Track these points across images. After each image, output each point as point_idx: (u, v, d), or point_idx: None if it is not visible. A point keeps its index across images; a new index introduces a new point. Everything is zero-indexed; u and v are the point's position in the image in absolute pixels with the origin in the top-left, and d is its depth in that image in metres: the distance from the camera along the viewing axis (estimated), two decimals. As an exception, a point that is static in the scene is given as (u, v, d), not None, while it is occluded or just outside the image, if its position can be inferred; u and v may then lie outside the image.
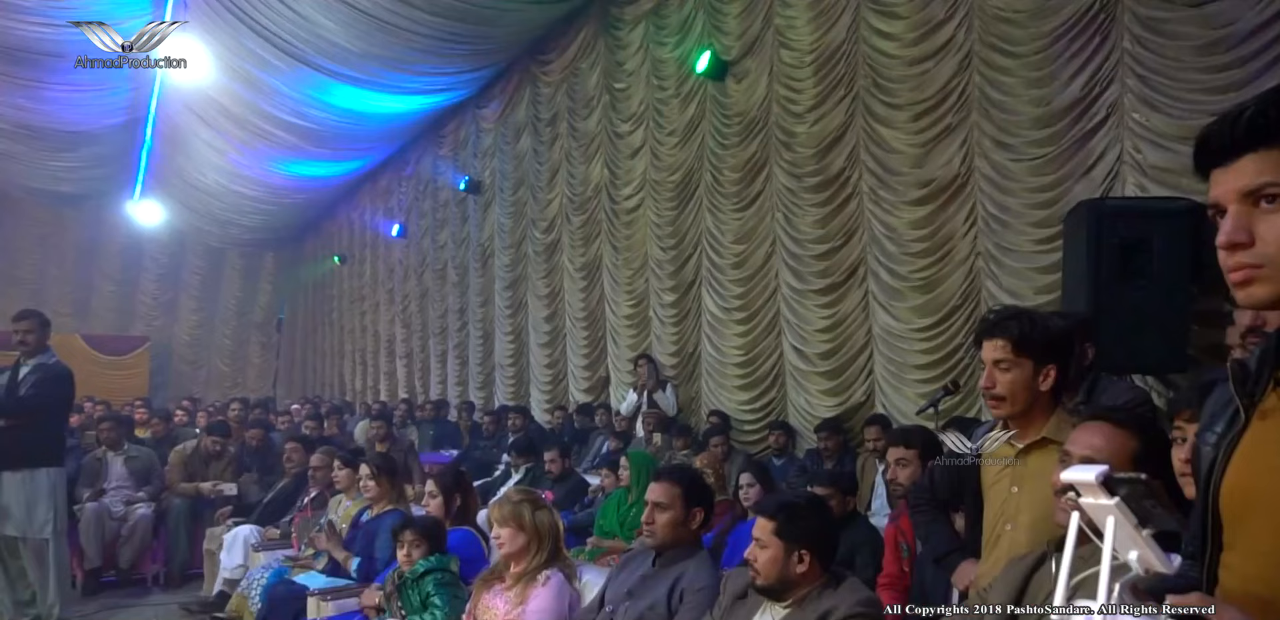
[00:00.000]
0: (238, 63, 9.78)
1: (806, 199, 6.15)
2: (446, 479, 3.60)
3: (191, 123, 12.30)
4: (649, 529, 2.42)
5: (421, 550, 3.15)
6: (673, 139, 7.53)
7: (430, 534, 3.18)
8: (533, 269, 9.70)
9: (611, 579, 2.52)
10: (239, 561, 4.94)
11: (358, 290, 15.44)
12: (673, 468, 2.51)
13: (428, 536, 3.17)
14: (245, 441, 6.76)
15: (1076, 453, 1.68)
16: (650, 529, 2.41)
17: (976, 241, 5.01)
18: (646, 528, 2.42)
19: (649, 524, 2.42)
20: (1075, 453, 1.68)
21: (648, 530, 2.42)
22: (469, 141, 11.33)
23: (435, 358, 12.22)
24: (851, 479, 3.91)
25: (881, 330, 5.62)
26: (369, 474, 3.99)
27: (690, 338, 7.29)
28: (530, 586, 2.77)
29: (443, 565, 3.12)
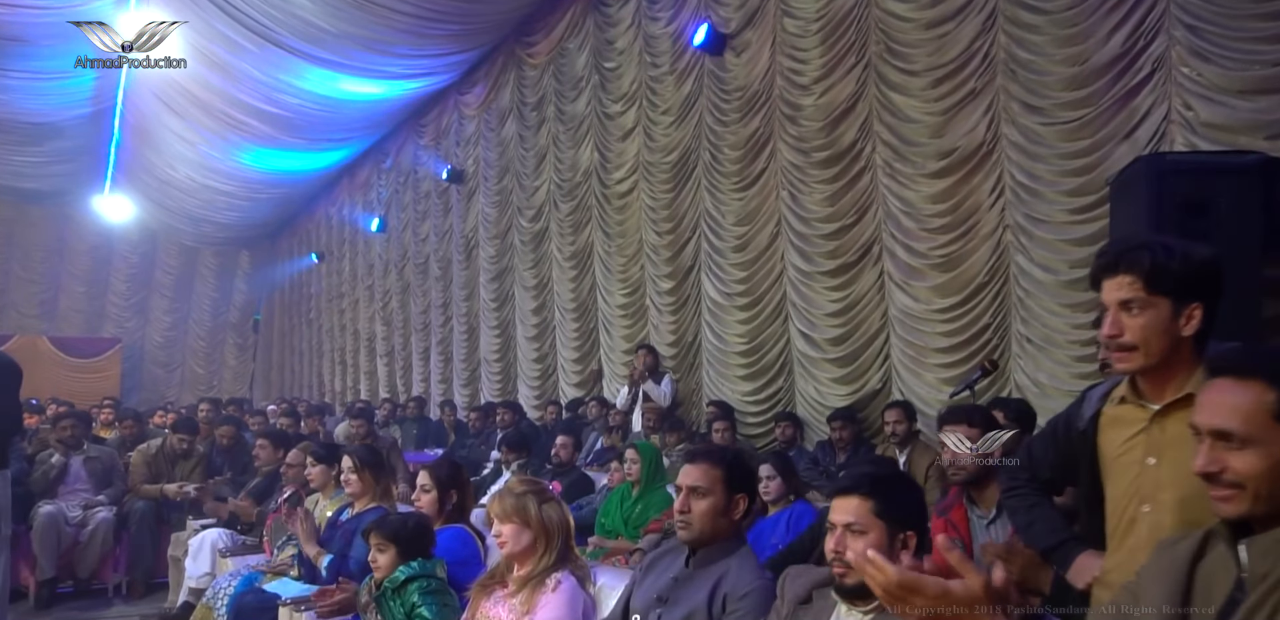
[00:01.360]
0: (206, 45, 9.31)
1: (814, 175, 5.78)
2: (441, 471, 3.18)
3: (160, 112, 11.79)
4: (682, 520, 2.03)
5: (389, 556, 2.74)
6: (667, 118, 7.16)
7: (401, 536, 2.77)
8: (519, 259, 9.29)
9: (637, 583, 2.13)
10: (205, 569, 4.49)
11: (336, 288, 14.96)
12: (710, 447, 2.12)
13: (396, 539, 2.76)
14: (216, 440, 6.30)
15: (1206, 425, 1.25)
16: (684, 520, 2.02)
17: (1004, 214, 4.66)
18: (679, 518, 2.03)
19: (683, 513, 2.02)
20: (1204, 425, 1.26)
21: (680, 522, 2.03)
22: (451, 129, 10.91)
23: (418, 355, 11.78)
24: (894, 464, 3.54)
25: (899, 312, 5.26)
26: (351, 467, 3.57)
27: (689, 326, 6.91)
28: (538, 592, 2.37)
29: (427, 571, 2.71)
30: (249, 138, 11.71)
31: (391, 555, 2.75)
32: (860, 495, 1.68)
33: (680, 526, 2.04)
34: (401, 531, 2.78)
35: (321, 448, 4.19)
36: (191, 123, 11.63)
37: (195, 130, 11.89)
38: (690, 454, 2.10)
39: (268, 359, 18.26)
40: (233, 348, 18.75)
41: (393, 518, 2.90)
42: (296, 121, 11.05)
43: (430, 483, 3.14)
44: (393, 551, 2.75)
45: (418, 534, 2.80)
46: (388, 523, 2.83)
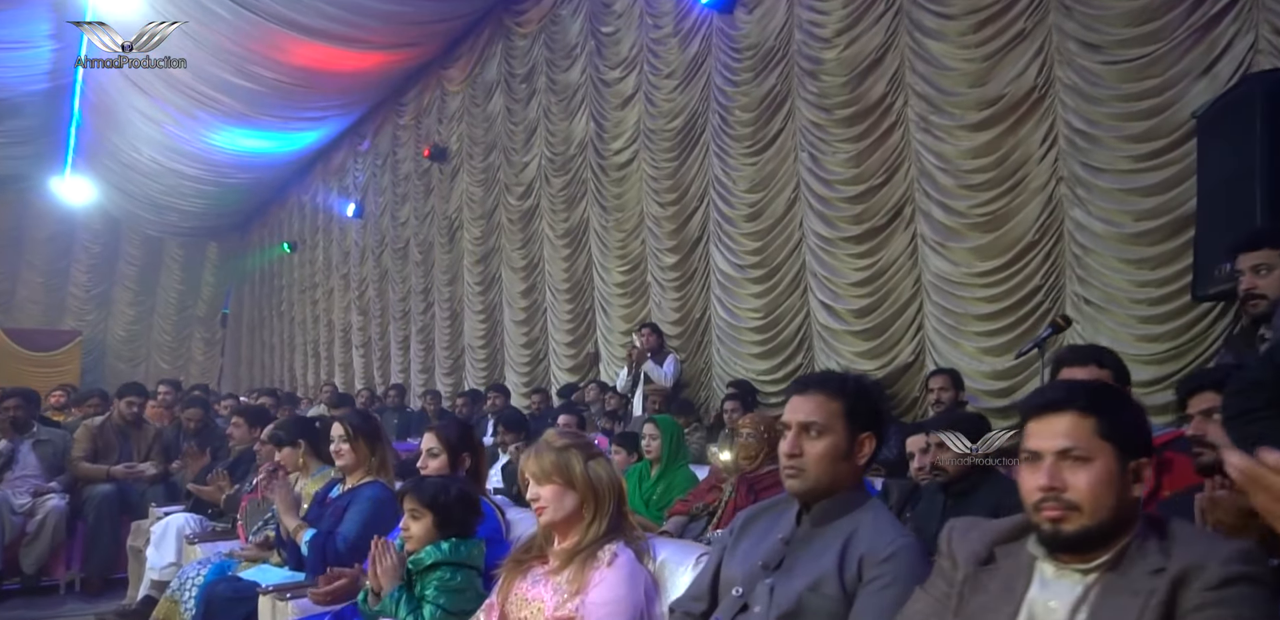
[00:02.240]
0: (172, 10, 8.72)
1: (836, 134, 5.37)
2: (449, 432, 2.71)
3: (123, 88, 11.14)
4: (793, 466, 1.57)
5: (424, 525, 2.26)
6: (671, 82, 6.72)
7: (441, 502, 2.26)
8: (507, 240, 8.80)
9: (728, 549, 1.67)
10: (170, 559, 3.96)
11: (309, 278, 14.34)
12: (828, 375, 1.66)
13: (434, 505, 2.26)
14: (182, 424, 5.76)
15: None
16: (795, 466, 1.57)
17: (1057, 165, 4.26)
18: (789, 464, 1.57)
19: (793, 457, 1.57)
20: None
21: (790, 469, 1.57)
22: (433, 107, 10.39)
23: (396, 344, 11.22)
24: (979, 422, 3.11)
25: (934, 277, 4.85)
26: (342, 435, 3.08)
27: (696, 302, 6.46)
28: (589, 567, 1.91)
29: (460, 557, 2.23)
30: (218, 115, 11.10)
31: (427, 525, 2.27)
32: (1078, 411, 1.25)
33: (790, 475, 1.58)
34: (442, 497, 2.29)
35: (281, 428, 3.69)
36: (156, 99, 11.00)
37: (160, 107, 11.25)
38: (800, 383, 1.64)
39: (236, 354, 17.56)
40: (200, 342, 18.02)
41: (433, 479, 2.40)
42: (269, 98, 10.48)
43: (438, 446, 2.66)
44: (428, 521, 2.27)
45: (461, 503, 2.31)
46: (427, 485, 2.33)
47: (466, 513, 2.30)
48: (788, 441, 1.58)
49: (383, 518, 3.03)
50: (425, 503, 2.28)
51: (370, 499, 3.01)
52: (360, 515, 2.97)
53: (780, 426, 1.63)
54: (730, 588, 1.60)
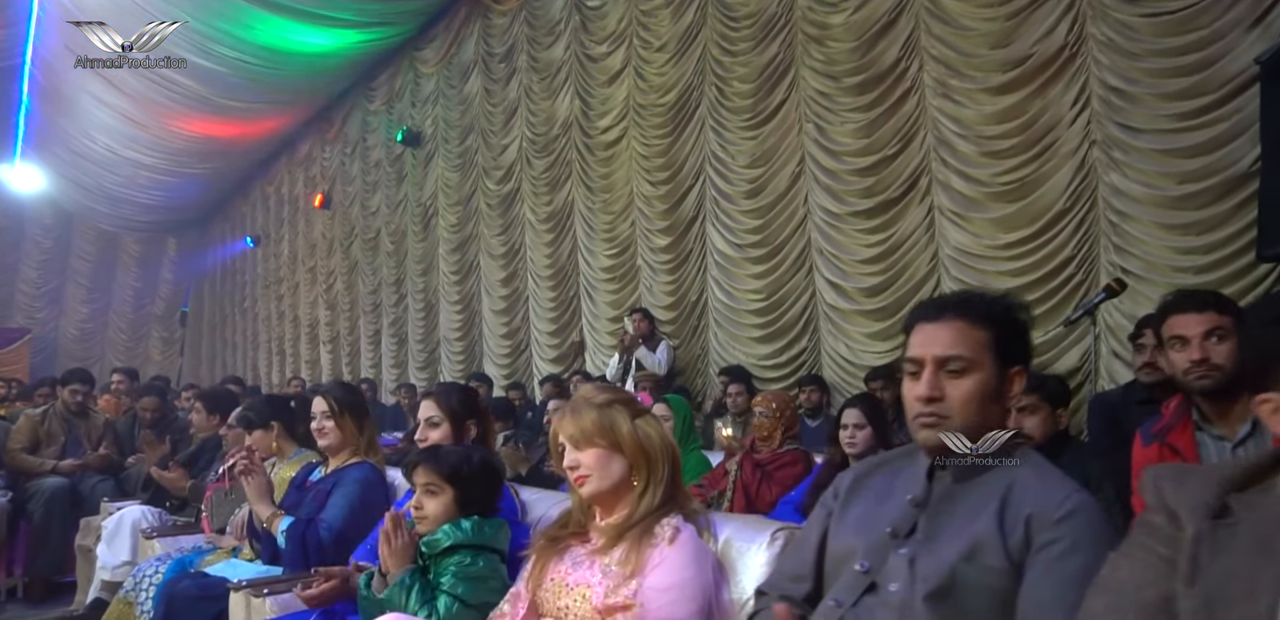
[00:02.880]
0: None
1: (845, 103, 5.08)
2: (450, 399, 2.34)
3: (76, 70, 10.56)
4: (932, 413, 1.20)
5: (441, 503, 1.89)
6: (662, 56, 6.40)
7: (462, 475, 1.90)
8: (486, 226, 8.41)
9: (835, 515, 1.32)
10: (124, 556, 3.53)
11: (274, 272, 13.80)
12: (966, 296, 1.31)
13: (455, 478, 1.90)
14: (137, 414, 5.30)
15: None
16: (935, 413, 1.21)
17: (1090, 127, 4.00)
18: (927, 410, 1.21)
19: (931, 401, 1.22)
20: None
21: (929, 416, 1.21)
22: (405, 90, 9.98)
23: (366, 339, 10.76)
24: (1061, 384, 2.82)
25: (953, 251, 4.57)
26: (325, 411, 2.70)
27: (691, 285, 6.13)
28: (645, 545, 1.56)
29: (483, 540, 1.86)
30: (178, 99, 10.56)
31: (446, 502, 1.91)
32: None
33: (928, 424, 1.24)
34: (464, 468, 1.92)
35: (251, 409, 3.28)
36: (112, 81, 10.45)
37: (116, 91, 10.70)
38: (931, 307, 1.29)
39: (196, 353, 16.90)
40: (158, 341, 17.32)
41: (451, 448, 2.02)
42: (234, 80, 9.97)
43: (439, 413, 2.29)
44: (447, 497, 1.91)
45: (485, 476, 1.95)
46: (445, 454, 1.96)
47: (491, 487, 1.95)
48: (923, 382, 1.24)
49: (372, 502, 2.66)
50: (444, 476, 1.91)
51: (358, 481, 2.64)
52: (346, 499, 2.60)
53: (906, 365, 1.29)
54: (845, 562, 1.26)
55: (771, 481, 3.44)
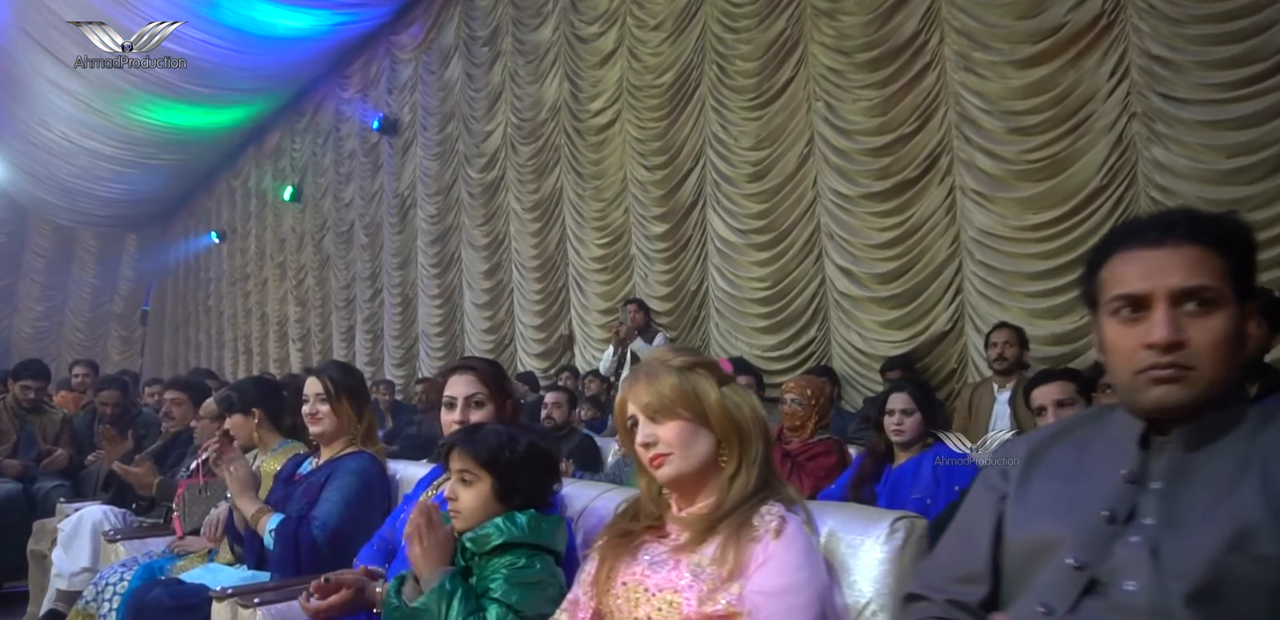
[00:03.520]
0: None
1: (857, 80, 4.84)
2: (493, 372, 2.01)
3: (30, 51, 10.06)
4: (1174, 365, 0.89)
5: (478, 494, 1.58)
6: (658, 35, 6.12)
7: (505, 461, 1.58)
8: (467, 216, 8.07)
9: (1012, 500, 1.01)
10: (84, 563, 3.16)
11: (240, 269, 13.30)
12: (1193, 214, 1.01)
13: (494, 464, 1.57)
14: (96, 409, 4.90)
15: None
16: (1179, 364, 0.89)
17: (1129, 99, 3.79)
18: (1168, 361, 0.88)
19: (1172, 349, 0.90)
20: None
21: (1171, 368, 0.89)
22: (381, 77, 9.60)
23: (339, 336, 10.34)
24: None
25: (977, 233, 4.34)
26: (320, 394, 2.36)
27: (690, 274, 5.85)
28: (745, 540, 1.26)
29: (541, 538, 1.55)
30: (141, 85, 10.09)
31: (482, 493, 1.58)
32: None
33: (1163, 377, 0.93)
34: (506, 452, 1.59)
35: (236, 390, 2.93)
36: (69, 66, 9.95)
37: (74, 76, 10.20)
38: (1153, 227, 0.98)
39: (158, 353, 16.28)
40: (117, 341, 16.69)
41: (492, 428, 1.68)
42: (199, 63, 9.52)
43: (484, 391, 1.96)
44: (485, 486, 1.58)
45: (534, 461, 1.62)
46: (484, 435, 1.63)
47: (538, 477, 1.62)
48: (1160, 322, 0.94)
49: (372, 497, 2.34)
50: (481, 461, 1.59)
51: (356, 473, 2.32)
52: (342, 494, 2.27)
53: (1112, 304, 1.00)
54: (1041, 557, 0.98)
55: (803, 473, 3.17)
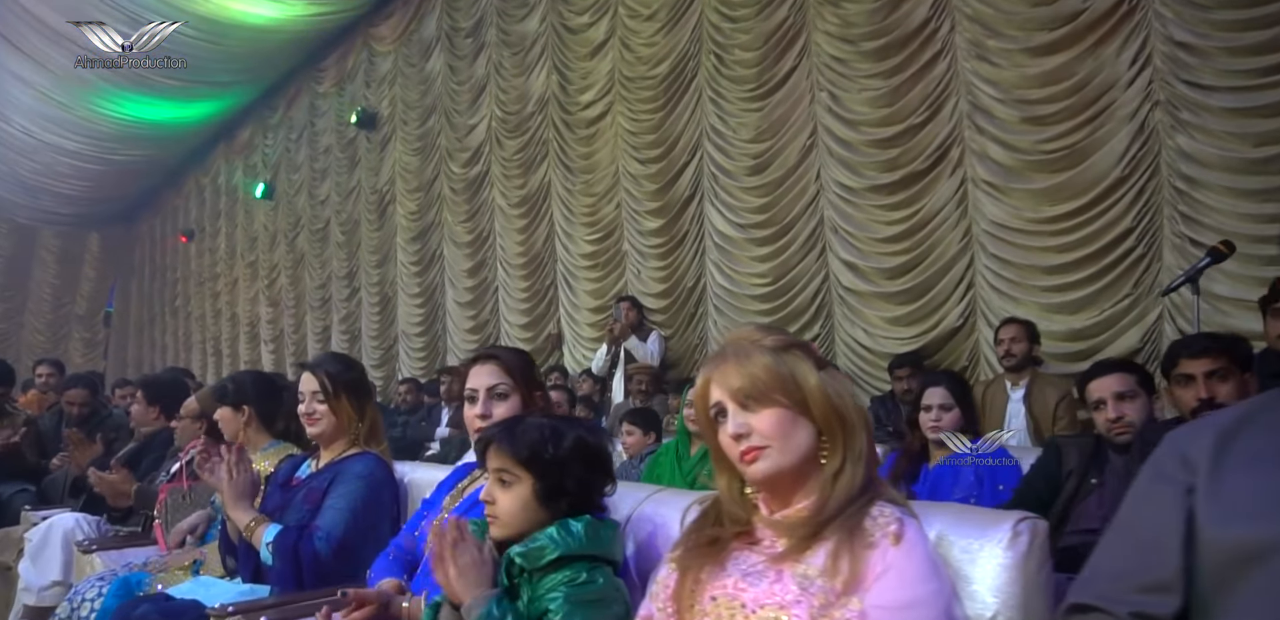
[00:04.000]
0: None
1: (863, 70, 4.71)
2: (517, 361, 1.82)
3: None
4: None
5: (518, 497, 1.38)
6: (652, 25, 5.96)
7: (551, 458, 1.38)
8: (450, 212, 7.84)
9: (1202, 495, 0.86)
10: (54, 576, 2.91)
11: (209, 268, 12.93)
12: None
13: (534, 462, 1.38)
14: (63, 410, 4.62)
15: None
16: None
17: (1152, 87, 3.68)
18: None
19: None
20: None
21: None
22: (358, 71, 9.33)
23: (314, 337, 10.04)
24: None
25: (989, 225, 4.22)
26: (317, 391, 2.16)
27: (687, 270, 5.68)
28: (859, 547, 1.09)
29: (599, 549, 1.35)
30: (106, 77, 9.73)
31: (524, 496, 1.38)
32: None
33: None
34: (551, 449, 1.40)
35: (233, 381, 2.71)
36: (31, 54, 9.59)
37: (35, 66, 9.83)
38: None
39: (122, 356, 15.81)
40: (79, 343, 16.17)
41: (533, 421, 1.47)
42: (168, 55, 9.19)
43: (508, 381, 1.76)
44: (524, 488, 1.38)
45: (585, 459, 1.42)
46: (526, 429, 1.43)
47: (589, 475, 1.42)
48: None
49: (380, 504, 2.14)
50: (520, 458, 1.39)
51: (362, 477, 2.11)
52: (347, 501, 2.07)
53: None
54: (1254, 561, 0.82)
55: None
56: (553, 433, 1.44)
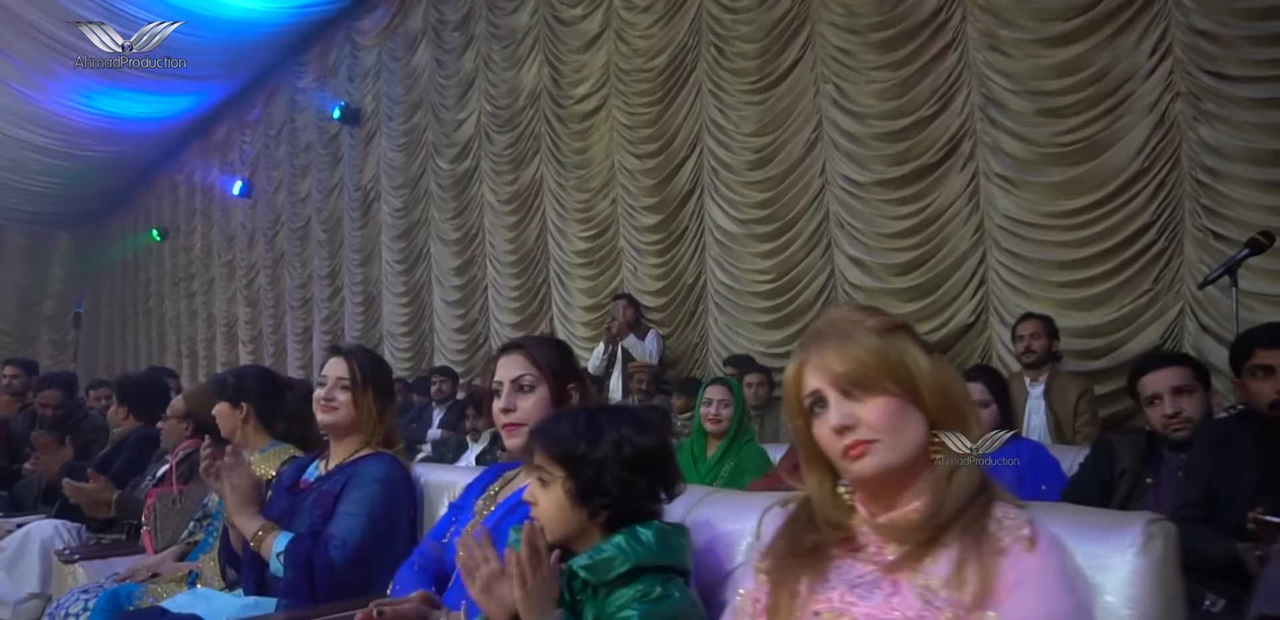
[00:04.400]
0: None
1: (870, 61, 4.61)
2: (545, 350, 1.65)
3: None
4: None
5: (553, 499, 1.24)
6: (648, 17, 5.83)
7: (579, 453, 1.23)
8: (437, 209, 7.66)
9: None
10: (31, 588, 2.72)
11: (184, 268, 12.63)
12: None
13: (569, 460, 1.23)
14: (36, 412, 4.40)
15: None
16: None
17: (1172, 78, 3.61)
18: None
19: None
20: None
21: None
22: (341, 65, 9.13)
23: (294, 338, 9.81)
24: None
25: (1002, 220, 4.13)
26: (342, 379, 2.00)
27: (686, 267, 5.54)
28: (986, 554, 0.96)
29: (672, 557, 1.21)
30: (78, 69, 9.44)
31: (558, 497, 1.23)
32: None
33: None
34: (584, 445, 1.24)
35: (234, 375, 2.53)
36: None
37: (5, 59, 9.53)
38: None
39: (93, 358, 15.43)
40: (48, 345, 15.76)
41: (573, 413, 1.31)
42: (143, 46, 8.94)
43: (534, 372, 1.61)
44: (557, 490, 1.24)
45: (628, 456, 1.25)
46: (561, 421, 1.28)
47: (631, 474, 1.23)
48: None
49: (399, 510, 1.99)
50: (554, 454, 1.25)
51: (380, 481, 1.95)
52: (365, 506, 1.91)
53: None
54: None
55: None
56: (588, 426, 1.28)
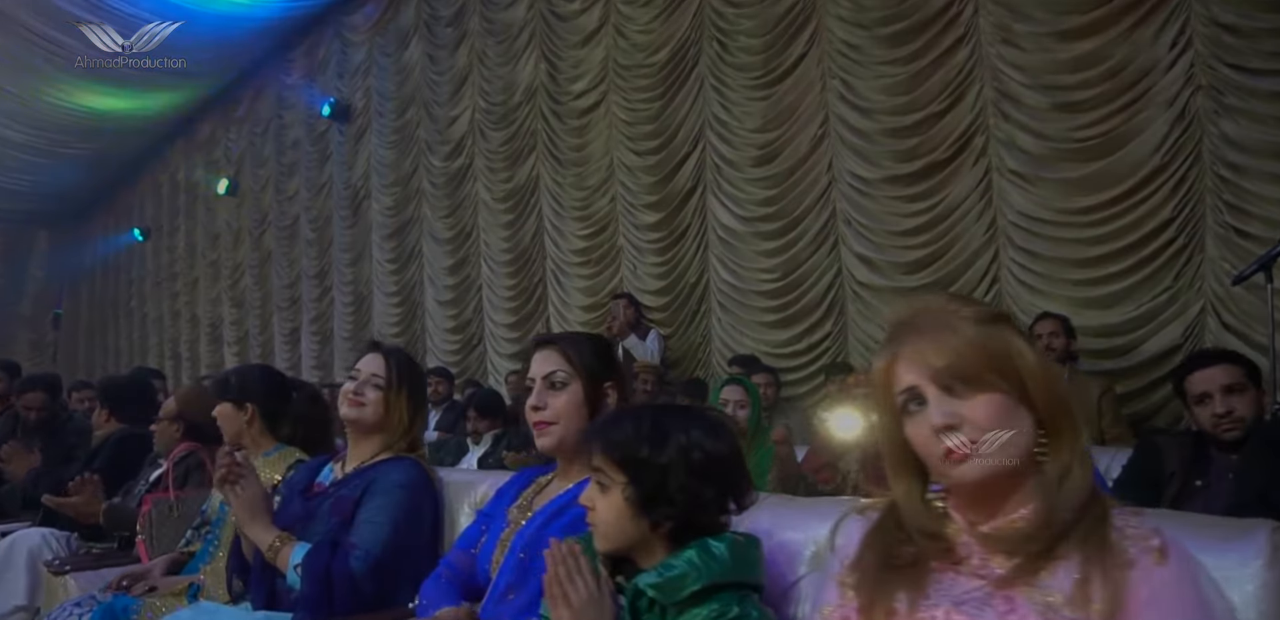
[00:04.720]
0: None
1: (878, 56, 4.53)
2: (583, 349, 1.53)
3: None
4: None
5: (611, 505, 1.14)
6: (649, 12, 5.73)
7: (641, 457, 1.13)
8: (430, 208, 7.53)
9: None
10: (18, 601, 2.57)
11: (168, 268, 12.41)
12: None
13: (629, 464, 1.14)
14: (20, 414, 4.23)
15: None
16: None
17: (1193, 71, 3.54)
18: None
19: None
20: None
21: None
22: (330, 61, 8.98)
23: (281, 339, 9.64)
24: None
25: (1016, 217, 4.05)
26: (379, 375, 1.90)
27: (688, 266, 5.44)
28: (1111, 567, 0.86)
29: (746, 573, 1.12)
30: (58, 64, 9.25)
31: (617, 503, 1.14)
32: None
33: None
34: (647, 447, 1.14)
35: (237, 374, 2.41)
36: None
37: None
38: None
39: (72, 360, 15.15)
40: (25, 347, 15.48)
41: (636, 412, 1.21)
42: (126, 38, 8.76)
43: (567, 369, 1.50)
44: (616, 496, 1.14)
45: (697, 462, 1.15)
46: (623, 422, 1.18)
47: (698, 481, 1.14)
48: None
49: (422, 517, 1.87)
50: (615, 457, 1.14)
51: (404, 487, 1.83)
52: (389, 513, 1.79)
53: None
54: None
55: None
56: (653, 428, 1.18)
